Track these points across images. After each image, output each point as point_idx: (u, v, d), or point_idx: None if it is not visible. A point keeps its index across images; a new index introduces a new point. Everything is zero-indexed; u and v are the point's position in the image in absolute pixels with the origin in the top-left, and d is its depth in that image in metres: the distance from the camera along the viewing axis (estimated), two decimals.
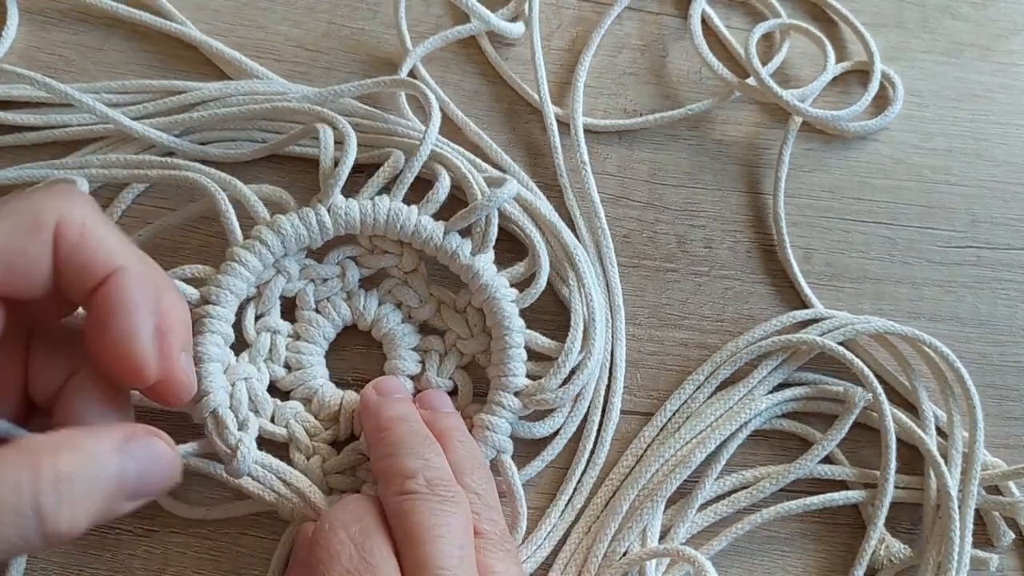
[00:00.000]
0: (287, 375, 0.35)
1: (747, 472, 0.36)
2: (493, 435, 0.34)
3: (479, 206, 0.35)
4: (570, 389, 0.34)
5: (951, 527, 0.34)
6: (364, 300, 0.36)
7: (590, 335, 0.35)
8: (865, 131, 0.42)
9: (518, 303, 0.35)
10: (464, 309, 0.36)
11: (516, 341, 0.35)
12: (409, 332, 0.36)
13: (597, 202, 0.39)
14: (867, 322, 0.37)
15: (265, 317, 0.35)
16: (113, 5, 0.40)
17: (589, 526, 0.35)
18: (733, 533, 0.34)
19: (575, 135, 0.40)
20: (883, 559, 0.35)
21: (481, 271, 0.35)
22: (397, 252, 0.36)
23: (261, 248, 0.34)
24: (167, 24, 0.40)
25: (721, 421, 0.35)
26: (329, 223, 0.34)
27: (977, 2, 0.46)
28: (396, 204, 0.35)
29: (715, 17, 0.44)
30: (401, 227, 0.35)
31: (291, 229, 0.34)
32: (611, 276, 0.38)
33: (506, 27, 0.41)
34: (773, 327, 0.37)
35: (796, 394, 0.36)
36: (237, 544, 0.33)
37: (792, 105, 0.40)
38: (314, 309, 0.36)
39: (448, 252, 0.35)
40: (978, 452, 0.35)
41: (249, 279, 0.34)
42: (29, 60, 0.39)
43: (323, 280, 0.36)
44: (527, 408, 0.34)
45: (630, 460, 0.35)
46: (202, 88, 0.38)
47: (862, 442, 0.37)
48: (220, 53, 0.40)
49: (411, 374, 0.35)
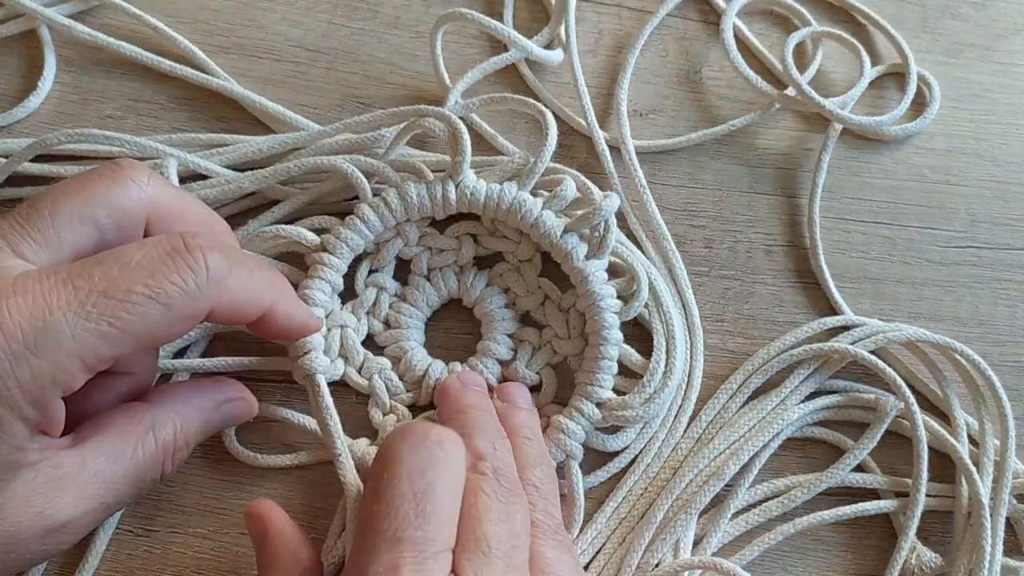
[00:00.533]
0: (384, 331, 0.36)
1: (778, 481, 0.36)
2: (567, 439, 0.34)
3: (599, 208, 0.35)
4: (651, 409, 0.34)
5: (982, 535, 0.34)
6: (473, 277, 0.37)
7: (671, 355, 0.35)
8: (906, 134, 0.42)
9: (621, 315, 0.35)
10: (567, 309, 0.36)
11: (611, 353, 0.35)
12: (509, 318, 0.37)
13: (663, 224, 0.38)
14: (898, 330, 0.37)
15: (377, 273, 0.37)
16: (155, 59, 0.40)
17: (623, 537, 0.34)
18: (765, 543, 0.34)
19: (629, 160, 0.39)
20: (914, 568, 0.34)
21: (592, 276, 0.35)
22: (515, 240, 0.37)
23: (384, 209, 0.35)
24: (209, 80, 0.40)
25: (754, 431, 0.35)
26: (453, 198, 0.35)
27: (977, 2, 0.46)
28: (522, 193, 0.35)
29: (745, 28, 0.44)
30: (523, 216, 0.35)
31: (416, 197, 0.35)
32: (687, 298, 0.38)
33: (546, 55, 0.41)
34: (804, 334, 0.37)
35: (828, 403, 0.36)
36: (237, 544, 0.33)
37: (835, 113, 0.40)
38: (425, 275, 0.37)
39: (564, 251, 0.35)
40: (1010, 460, 0.35)
41: (367, 236, 0.35)
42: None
43: (439, 251, 0.37)
44: (606, 421, 0.34)
45: (667, 472, 0.35)
46: (250, 142, 0.38)
47: (893, 448, 0.36)
48: (264, 107, 0.39)
49: (501, 359, 0.36)
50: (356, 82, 0.41)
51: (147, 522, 0.33)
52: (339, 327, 0.35)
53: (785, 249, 0.40)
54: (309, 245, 0.35)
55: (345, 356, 0.35)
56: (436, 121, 0.35)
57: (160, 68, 0.40)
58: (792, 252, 0.40)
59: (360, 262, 0.36)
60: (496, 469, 0.29)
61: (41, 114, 0.39)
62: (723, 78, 0.43)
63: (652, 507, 0.34)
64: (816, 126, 0.42)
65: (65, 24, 0.39)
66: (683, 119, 0.42)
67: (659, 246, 0.39)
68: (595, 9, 0.44)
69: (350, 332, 0.35)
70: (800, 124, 0.42)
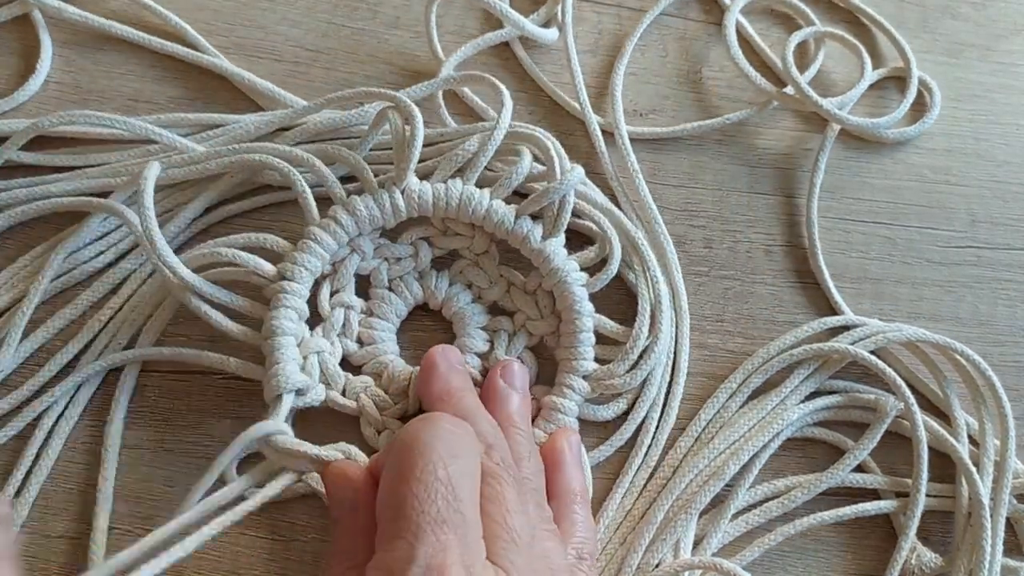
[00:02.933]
0: (359, 350, 0.36)
1: (779, 481, 0.36)
2: (563, 417, 0.34)
3: (550, 189, 0.35)
4: (638, 374, 0.35)
5: (982, 536, 0.34)
6: (436, 280, 0.37)
7: (657, 320, 0.35)
8: (904, 138, 0.42)
9: (588, 287, 0.36)
10: (534, 291, 0.37)
11: (586, 325, 0.35)
12: (478, 312, 0.37)
13: (655, 208, 0.39)
14: (898, 330, 0.37)
15: (340, 293, 0.36)
16: (145, 37, 0.40)
17: (624, 537, 0.34)
18: (766, 544, 0.34)
19: (621, 144, 0.39)
20: (915, 568, 0.35)
21: (552, 255, 0.35)
22: (469, 234, 0.37)
23: (336, 227, 0.35)
24: (200, 57, 0.40)
25: (754, 432, 0.35)
26: (402, 205, 0.35)
27: (977, 2, 0.46)
28: (469, 188, 0.35)
29: (748, 26, 0.44)
30: (473, 211, 0.35)
31: (365, 210, 0.35)
32: (676, 281, 0.38)
33: (540, 33, 0.41)
34: (804, 334, 0.37)
35: (828, 403, 0.36)
36: (237, 544, 0.33)
37: (832, 114, 0.40)
38: (387, 287, 0.37)
39: (520, 236, 0.35)
40: (1010, 460, 0.35)
41: (324, 257, 0.35)
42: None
43: (396, 259, 0.37)
44: (595, 392, 0.35)
45: (667, 471, 0.35)
46: (241, 120, 0.38)
47: (893, 448, 0.36)
48: (252, 84, 0.39)
49: (479, 352, 0.36)
50: (356, 82, 0.41)
51: (147, 522, 0.33)
52: (315, 353, 0.34)
53: (785, 249, 0.40)
54: (267, 276, 0.34)
55: (326, 381, 0.34)
56: (396, 116, 0.35)
57: (151, 46, 0.40)
58: (792, 252, 0.40)
59: (319, 285, 0.36)
60: (504, 460, 0.29)
61: (43, 96, 0.39)
62: (723, 78, 0.43)
63: (653, 507, 0.34)
64: (816, 126, 0.42)
65: (55, 6, 0.40)
66: (683, 119, 0.42)
67: (649, 230, 0.39)
68: (595, 9, 0.44)
69: (327, 357, 0.35)
70: (800, 124, 0.42)
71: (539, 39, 0.41)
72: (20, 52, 0.40)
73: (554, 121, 0.41)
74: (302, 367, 0.34)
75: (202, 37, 0.40)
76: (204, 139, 0.38)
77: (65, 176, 0.37)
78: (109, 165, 0.38)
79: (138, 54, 0.40)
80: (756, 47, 0.44)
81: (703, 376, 0.37)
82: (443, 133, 0.38)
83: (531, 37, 0.41)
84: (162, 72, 0.40)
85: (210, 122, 0.39)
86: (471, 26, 0.42)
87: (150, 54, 0.40)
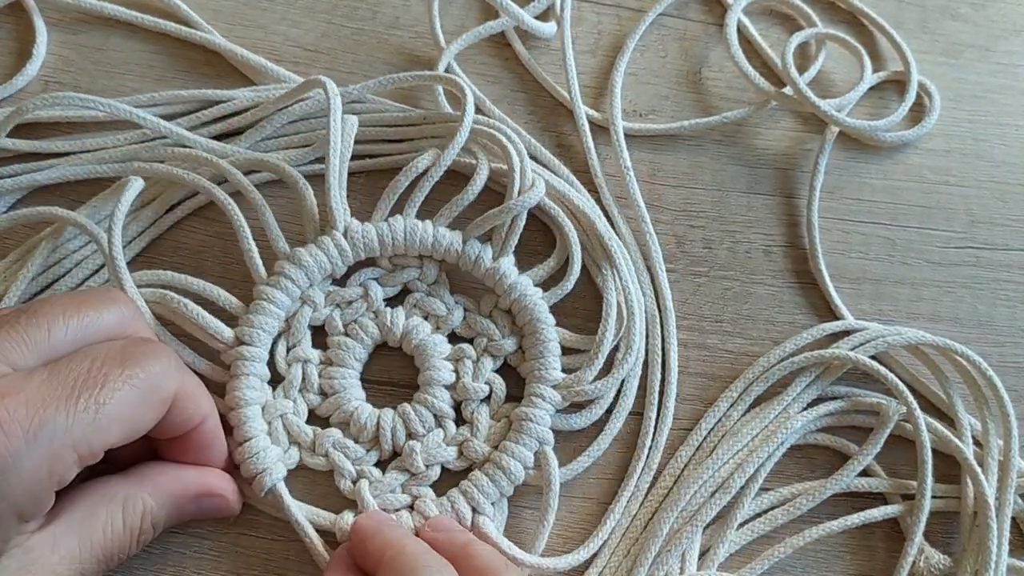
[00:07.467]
0: (323, 402, 0.35)
1: (784, 489, 0.35)
2: (535, 426, 0.34)
3: (502, 211, 0.35)
4: (609, 381, 0.34)
5: (988, 536, 0.34)
6: (391, 316, 0.36)
7: (628, 327, 0.35)
8: (902, 141, 0.42)
9: (546, 300, 0.35)
10: (490, 313, 0.36)
11: (550, 335, 0.35)
12: (440, 342, 0.36)
13: (643, 206, 0.39)
14: (899, 334, 0.37)
15: (296, 348, 0.35)
16: (138, 16, 0.40)
17: (628, 549, 0.34)
18: (775, 556, 0.34)
19: (616, 139, 0.40)
20: (923, 570, 0.35)
21: (506, 273, 0.35)
22: (417, 265, 0.37)
23: (287, 283, 0.34)
24: (192, 33, 0.40)
25: (758, 442, 0.35)
26: (348, 248, 0.35)
27: (977, 2, 0.46)
28: (411, 221, 0.35)
29: (750, 26, 0.44)
30: (420, 242, 0.35)
31: (312, 260, 0.34)
32: (660, 281, 0.38)
33: (537, 26, 0.41)
34: (804, 340, 0.37)
35: (831, 409, 0.36)
36: (237, 544, 0.33)
37: (830, 116, 0.40)
38: (343, 333, 0.36)
39: (470, 260, 0.35)
40: (1014, 460, 0.35)
41: (279, 315, 0.34)
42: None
43: (348, 303, 0.36)
44: (565, 401, 0.34)
45: (668, 481, 0.35)
46: (235, 96, 0.39)
47: (896, 451, 0.36)
48: (245, 60, 0.40)
49: (446, 383, 0.35)
50: (356, 82, 0.41)
51: None
52: (279, 417, 0.34)
53: (784, 250, 0.40)
54: (226, 342, 0.34)
55: (296, 442, 0.34)
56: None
57: (144, 24, 0.40)
58: (791, 253, 0.40)
59: (275, 343, 0.35)
60: None
61: (42, 76, 0.40)
62: (723, 78, 0.43)
63: (658, 519, 0.34)
64: (816, 127, 0.42)
65: None
66: (683, 119, 0.42)
67: (636, 228, 0.39)
68: (594, 10, 0.44)
69: (292, 418, 0.34)
70: (799, 125, 0.42)
71: (536, 32, 0.41)
72: (15, 37, 0.40)
73: (553, 121, 0.41)
74: (268, 432, 0.34)
75: (196, 14, 0.41)
76: (198, 120, 0.38)
77: (48, 164, 0.37)
78: (94, 152, 0.37)
79: (137, 34, 0.41)
80: (757, 46, 0.44)
81: (703, 376, 0.37)
82: (408, 116, 0.39)
83: (528, 29, 0.41)
84: (161, 51, 0.41)
85: (204, 98, 0.39)
86: (471, 26, 0.42)
87: (148, 34, 0.41)
